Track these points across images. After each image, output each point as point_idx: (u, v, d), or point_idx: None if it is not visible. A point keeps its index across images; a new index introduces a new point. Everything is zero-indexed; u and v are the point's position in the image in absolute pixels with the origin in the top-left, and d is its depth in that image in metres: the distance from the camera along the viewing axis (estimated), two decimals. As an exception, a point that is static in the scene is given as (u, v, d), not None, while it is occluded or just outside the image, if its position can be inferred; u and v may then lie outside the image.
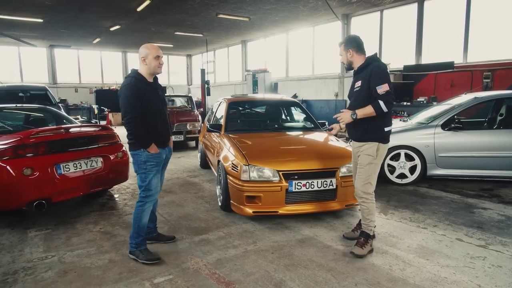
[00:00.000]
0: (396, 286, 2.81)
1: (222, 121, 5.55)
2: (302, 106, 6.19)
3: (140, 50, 3.24)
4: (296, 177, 3.96)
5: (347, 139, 3.50)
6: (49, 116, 5.69)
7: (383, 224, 4.10)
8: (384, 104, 3.14)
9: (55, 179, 4.09)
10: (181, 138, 9.42)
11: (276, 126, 5.92)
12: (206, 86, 15.09)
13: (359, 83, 3.35)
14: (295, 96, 14.30)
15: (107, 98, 17.46)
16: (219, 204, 4.70)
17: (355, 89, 3.42)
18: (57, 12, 11.61)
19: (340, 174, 4.07)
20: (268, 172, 3.97)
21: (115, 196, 5.39)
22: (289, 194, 3.95)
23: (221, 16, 12.19)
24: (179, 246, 3.58)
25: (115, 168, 4.77)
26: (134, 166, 3.28)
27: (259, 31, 15.52)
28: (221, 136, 5.19)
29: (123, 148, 4.90)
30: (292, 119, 6.33)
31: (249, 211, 3.97)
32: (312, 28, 14.35)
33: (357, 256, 3.26)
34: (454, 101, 6.26)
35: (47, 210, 4.22)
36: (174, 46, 19.98)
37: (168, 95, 13.20)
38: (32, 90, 11.02)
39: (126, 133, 3.22)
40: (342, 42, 3.49)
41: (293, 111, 6.44)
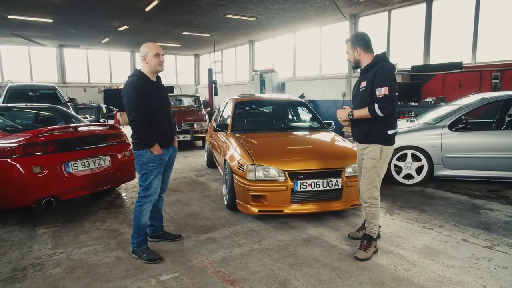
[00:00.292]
0: (401, 286, 2.81)
1: (229, 120, 5.58)
2: (309, 106, 6.19)
3: (140, 49, 3.26)
4: (301, 176, 3.97)
5: (354, 140, 3.50)
6: (58, 115, 5.77)
7: (388, 225, 4.10)
8: (379, 108, 3.06)
9: (64, 177, 4.15)
10: (188, 137, 9.46)
11: (283, 126, 5.93)
12: (214, 86, 15.14)
13: (364, 83, 3.25)
14: (302, 96, 14.28)
15: (116, 97, 17.54)
16: (225, 203, 4.73)
17: (360, 90, 3.32)
18: (67, 12, 11.74)
19: (346, 174, 4.07)
20: (273, 172, 3.99)
21: (123, 194, 5.45)
22: (295, 194, 3.97)
23: (229, 16, 12.21)
24: (185, 244, 3.61)
25: (122, 167, 4.83)
26: (136, 166, 3.29)
27: (267, 31, 15.52)
28: (227, 136, 5.22)
29: (131, 147, 4.95)
30: (299, 119, 6.34)
31: (255, 210, 3.99)
32: (319, 28, 14.31)
33: (360, 260, 3.23)
34: (462, 102, 6.22)
35: (56, 208, 4.29)
36: (182, 46, 20.06)
37: (175, 95, 13.30)
38: (42, 89, 11.19)
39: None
40: (349, 40, 3.36)
41: (299, 111, 6.45)
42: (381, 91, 3.06)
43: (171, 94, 15.65)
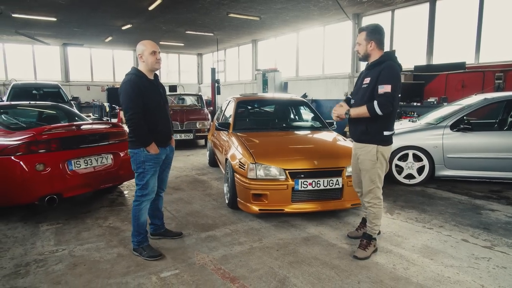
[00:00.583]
0: (399, 284, 2.83)
1: (231, 119, 5.60)
2: (311, 105, 6.20)
3: (137, 48, 3.23)
4: (302, 175, 3.99)
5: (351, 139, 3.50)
6: (61, 114, 5.81)
7: (388, 224, 4.11)
8: (378, 105, 2.95)
9: (67, 175, 4.19)
10: (191, 136, 9.49)
11: (284, 125, 5.95)
12: (216, 85, 15.18)
13: (368, 79, 3.13)
14: (304, 95, 14.29)
15: (119, 96, 17.65)
16: (226, 201, 4.76)
17: (363, 86, 3.20)
18: (71, 11, 11.81)
19: (346, 174, 4.08)
20: (274, 171, 4.01)
21: (125, 192, 5.49)
22: (295, 193, 3.98)
23: (232, 15, 12.25)
24: (186, 242, 3.64)
25: (124, 165, 4.85)
26: (133, 165, 3.27)
27: (270, 30, 15.55)
28: (229, 135, 5.24)
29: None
30: (300, 119, 6.35)
31: (255, 209, 4.02)
32: (322, 28, 14.32)
33: (360, 259, 3.23)
34: (464, 102, 6.21)
35: (59, 205, 4.33)
36: (185, 45, 20.12)
37: (178, 94, 13.36)
38: (45, 87, 11.28)
39: None
40: (364, 29, 3.14)
41: (301, 110, 6.46)
42: (384, 89, 2.96)
43: (174, 93, 15.69)
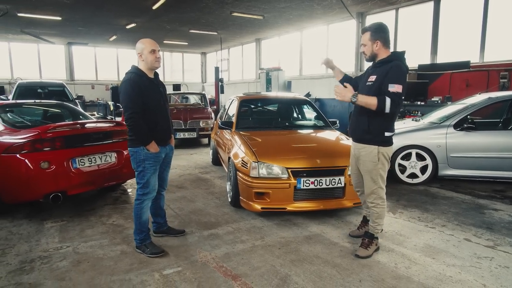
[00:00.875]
0: (400, 283, 2.83)
1: (234, 118, 5.62)
2: (314, 104, 6.21)
3: (136, 46, 3.22)
4: (304, 174, 4.00)
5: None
6: (66, 112, 5.85)
7: (391, 223, 4.12)
8: (390, 102, 2.90)
9: (71, 172, 4.22)
10: (194, 135, 9.53)
11: (287, 124, 5.95)
12: (220, 83, 15.19)
13: (374, 77, 3.08)
14: (308, 94, 14.28)
15: (119, 95, 17.70)
16: (229, 200, 4.78)
17: (367, 83, 3.15)
18: (75, 10, 11.86)
19: (349, 173, 4.08)
20: (277, 169, 4.02)
21: (128, 190, 5.53)
22: (298, 191, 4.00)
23: (235, 14, 12.24)
24: (189, 240, 3.67)
25: (128, 163, 4.84)
26: (132, 163, 3.29)
27: (273, 29, 15.53)
28: (232, 133, 5.26)
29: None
30: (303, 117, 6.36)
31: (258, 207, 4.04)
32: (326, 27, 14.28)
33: (361, 258, 3.24)
34: (468, 101, 6.19)
35: (63, 203, 4.36)
36: (189, 44, 20.14)
37: (182, 92, 13.39)
38: (50, 86, 11.37)
39: None
40: (367, 29, 3.08)
41: (304, 109, 6.47)
42: (395, 88, 2.90)
43: (178, 91, 15.72)
